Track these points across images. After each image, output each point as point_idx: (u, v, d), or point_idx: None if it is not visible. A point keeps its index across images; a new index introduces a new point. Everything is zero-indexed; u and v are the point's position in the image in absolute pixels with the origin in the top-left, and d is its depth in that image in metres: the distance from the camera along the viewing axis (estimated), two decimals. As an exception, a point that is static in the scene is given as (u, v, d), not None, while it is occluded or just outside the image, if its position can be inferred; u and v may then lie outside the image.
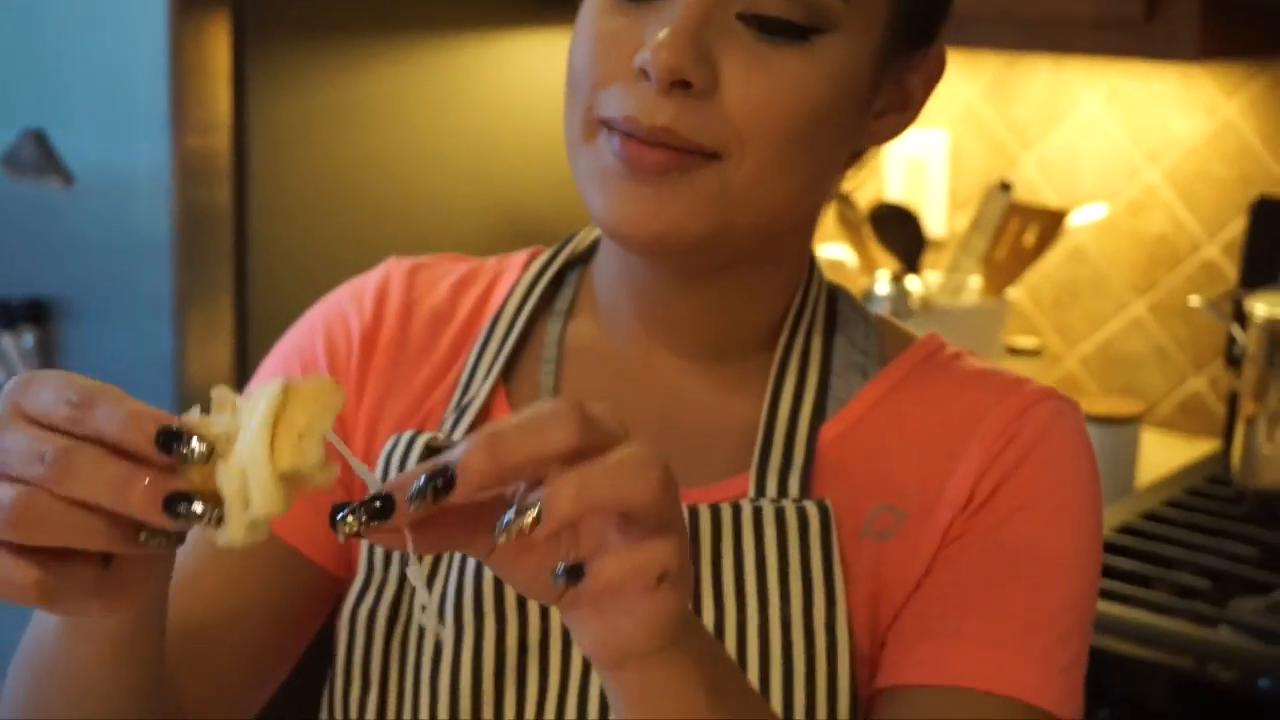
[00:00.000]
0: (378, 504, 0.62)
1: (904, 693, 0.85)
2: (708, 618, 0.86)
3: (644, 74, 0.80)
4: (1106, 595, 1.50)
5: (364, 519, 0.61)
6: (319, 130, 1.91)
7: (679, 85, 0.80)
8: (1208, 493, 1.86)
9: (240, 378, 1.86)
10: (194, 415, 0.61)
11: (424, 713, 0.89)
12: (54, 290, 1.91)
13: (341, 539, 0.62)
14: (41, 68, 1.87)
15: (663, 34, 0.80)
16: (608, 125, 0.83)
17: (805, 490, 0.88)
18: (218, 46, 1.82)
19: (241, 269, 1.85)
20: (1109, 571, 1.51)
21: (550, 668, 0.88)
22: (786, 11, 0.81)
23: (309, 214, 1.91)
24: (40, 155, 1.86)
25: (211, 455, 0.60)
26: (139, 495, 0.61)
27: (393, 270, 1.00)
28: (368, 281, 1.00)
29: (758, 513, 0.87)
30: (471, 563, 0.88)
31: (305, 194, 1.91)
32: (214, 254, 1.83)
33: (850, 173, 0.93)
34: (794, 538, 0.87)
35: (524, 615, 0.88)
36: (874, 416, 0.92)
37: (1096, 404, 1.91)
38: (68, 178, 1.85)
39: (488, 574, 0.87)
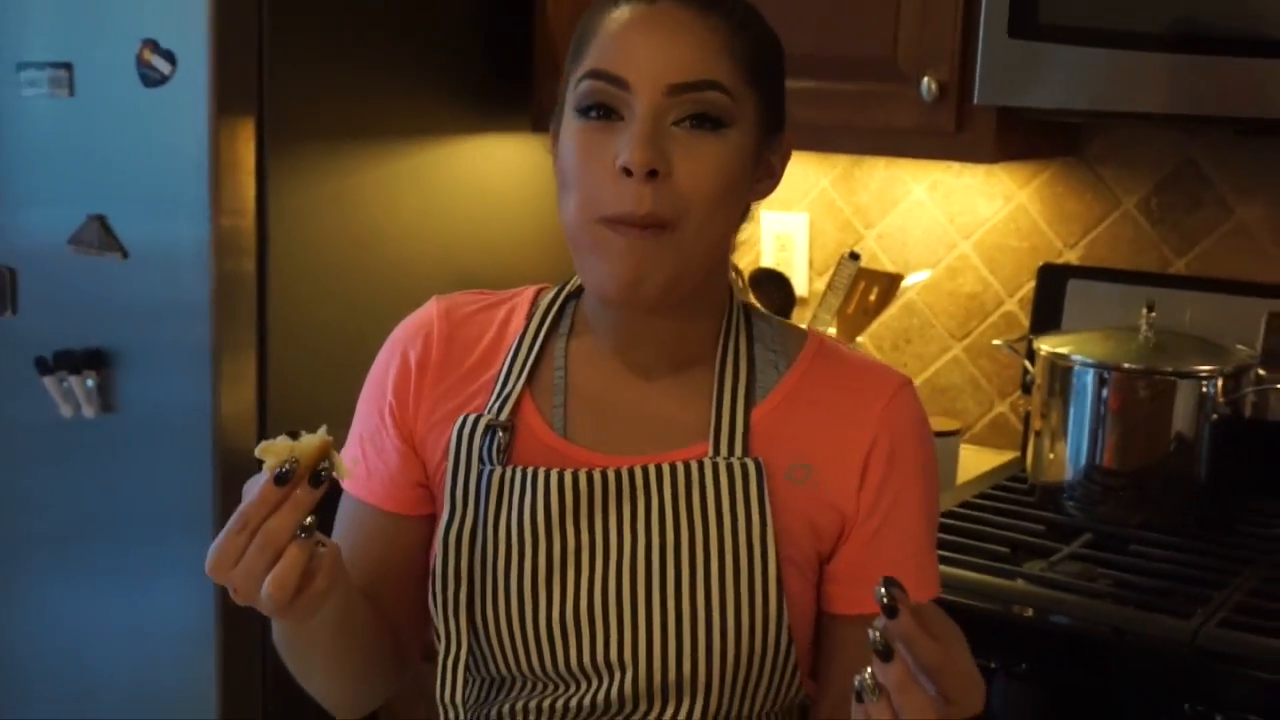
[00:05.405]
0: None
1: (854, 619, 1.12)
2: (684, 536, 1.09)
3: (626, 171, 1.04)
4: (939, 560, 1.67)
5: None
6: (326, 213, 2.05)
7: (651, 174, 1.04)
8: (1009, 488, 2.07)
9: (262, 417, 2.01)
10: (278, 440, 0.96)
11: (500, 599, 1.11)
12: (112, 342, 2.04)
13: None
14: (104, 164, 2.01)
15: (634, 143, 1.04)
16: (609, 222, 1.05)
17: (746, 451, 1.12)
18: (246, 146, 1.95)
19: (263, 327, 1.98)
20: (939, 544, 1.64)
21: (582, 571, 1.09)
22: (703, 112, 1.06)
23: (318, 281, 2.05)
24: (101, 235, 2.00)
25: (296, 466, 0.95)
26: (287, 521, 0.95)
27: (434, 310, 1.20)
28: (418, 321, 1.19)
29: (715, 465, 1.11)
30: (528, 499, 1.10)
31: (315, 265, 2.05)
32: (241, 314, 1.96)
33: (743, 225, 1.15)
34: (739, 482, 1.11)
35: (564, 534, 1.09)
36: (789, 401, 1.14)
37: (926, 424, 2.11)
38: (124, 253, 2.00)
39: (540, 505, 1.09)
